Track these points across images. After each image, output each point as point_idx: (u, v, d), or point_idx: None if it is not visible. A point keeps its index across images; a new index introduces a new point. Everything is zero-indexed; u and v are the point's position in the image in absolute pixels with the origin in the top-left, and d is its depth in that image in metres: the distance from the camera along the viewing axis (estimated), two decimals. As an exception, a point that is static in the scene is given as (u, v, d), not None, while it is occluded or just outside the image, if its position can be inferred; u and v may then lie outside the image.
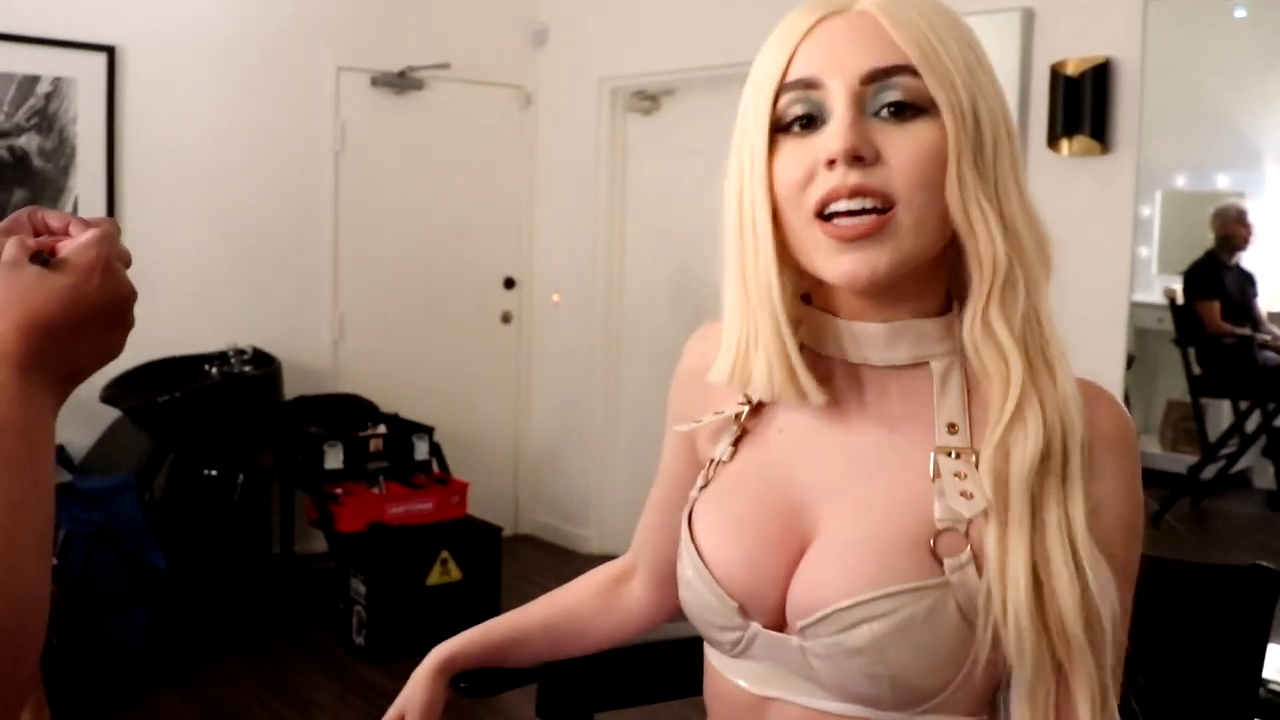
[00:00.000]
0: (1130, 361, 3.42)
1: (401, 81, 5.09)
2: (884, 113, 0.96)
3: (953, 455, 1.00)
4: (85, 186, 4.41)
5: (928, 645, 0.96)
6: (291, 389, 4.64)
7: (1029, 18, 3.58)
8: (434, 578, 4.14)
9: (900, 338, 1.03)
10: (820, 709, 1.02)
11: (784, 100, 1.01)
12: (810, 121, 0.99)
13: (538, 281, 5.59)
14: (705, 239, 4.61)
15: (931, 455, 1.01)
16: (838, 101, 0.96)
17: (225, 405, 4.32)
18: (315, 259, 4.98)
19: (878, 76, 0.96)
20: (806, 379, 1.03)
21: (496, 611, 4.13)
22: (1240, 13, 3.37)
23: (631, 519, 5.30)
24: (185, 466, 4.27)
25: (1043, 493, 0.96)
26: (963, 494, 0.98)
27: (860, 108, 0.96)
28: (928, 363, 1.03)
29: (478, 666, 1.39)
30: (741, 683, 1.08)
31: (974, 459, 0.99)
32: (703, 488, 1.14)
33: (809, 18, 1.02)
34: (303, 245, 4.94)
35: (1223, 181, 3.74)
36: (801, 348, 1.05)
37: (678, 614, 1.33)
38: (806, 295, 1.08)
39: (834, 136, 0.95)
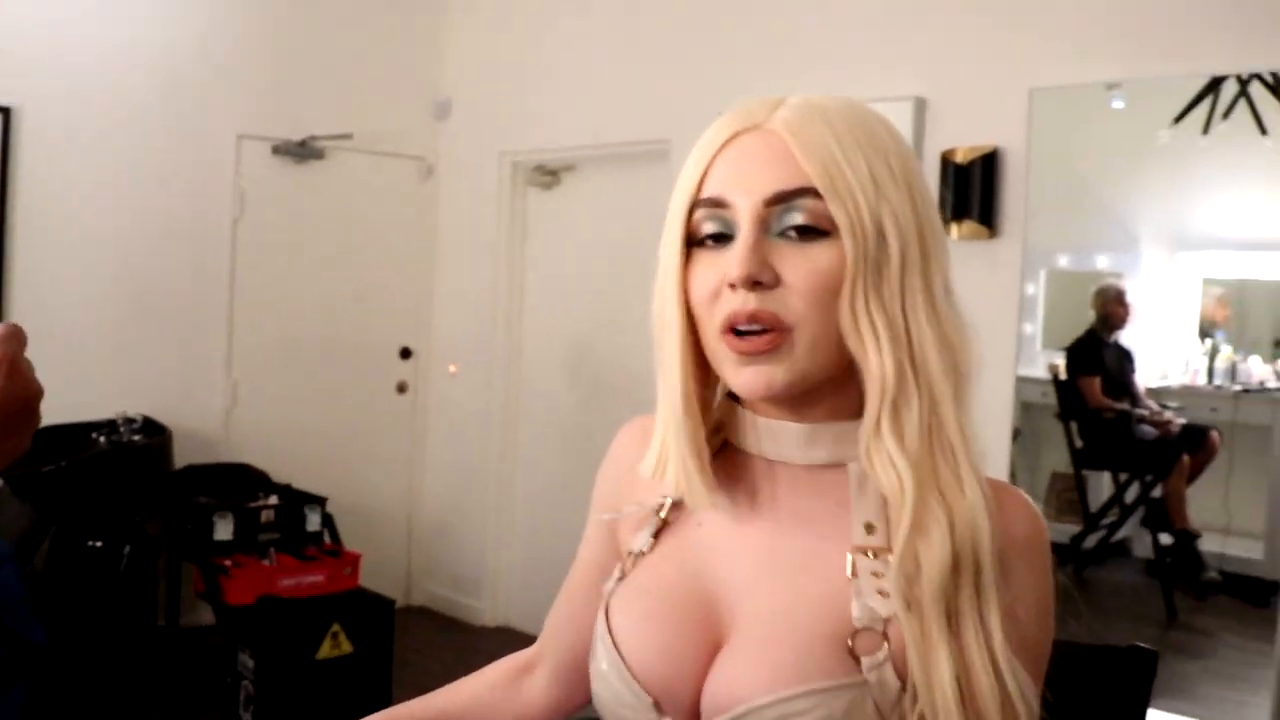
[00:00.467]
0: (1016, 434, 3.52)
1: (303, 150, 5.08)
2: (789, 234, 0.99)
3: (870, 555, 1.02)
4: (-28, 249, 4.32)
5: None
6: (181, 458, 4.56)
7: (921, 107, 3.71)
8: (325, 651, 4.06)
9: (818, 439, 1.04)
10: None
11: (697, 215, 1.03)
12: (721, 237, 1.02)
13: (435, 352, 5.58)
14: (604, 312, 4.71)
15: (849, 555, 1.02)
16: (743, 221, 0.99)
17: (112, 475, 4.23)
18: (210, 326, 4.92)
19: (781, 199, 0.98)
20: (705, 483, 1.06)
21: (388, 685, 4.09)
22: (1118, 103, 3.53)
23: (526, 591, 5.34)
24: (69, 537, 4.14)
25: (958, 601, 0.97)
26: (880, 593, 0.99)
27: (764, 228, 0.99)
28: (845, 464, 1.05)
29: None
30: None
31: (890, 560, 1.00)
32: (620, 579, 1.14)
33: (723, 133, 1.04)
34: (197, 312, 4.88)
35: (1102, 262, 3.90)
36: (726, 444, 1.08)
37: (578, 711, 1.34)
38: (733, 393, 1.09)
39: (734, 262, 0.98)
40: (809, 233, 0.98)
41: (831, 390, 1.02)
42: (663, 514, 1.14)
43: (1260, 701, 3.04)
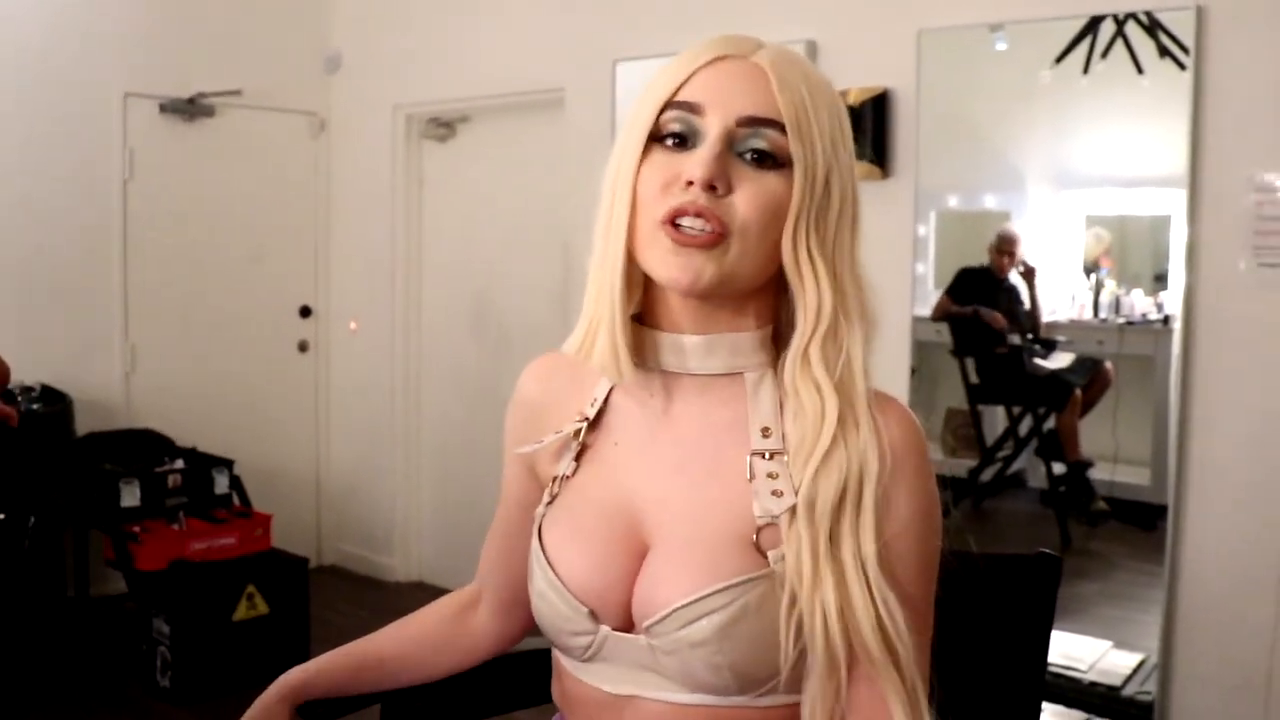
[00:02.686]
0: (912, 372, 3.63)
1: (191, 108, 4.99)
2: (747, 156, 1.07)
3: (766, 456, 1.12)
4: None
5: (761, 633, 1.06)
6: (83, 425, 4.50)
7: (812, 49, 3.77)
8: (240, 613, 4.07)
9: (715, 349, 1.13)
10: (672, 701, 1.11)
11: (667, 115, 1.10)
12: (682, 141, 1.09)
13: (334, 309, 5.55)
14: (504, 263, 4.72)
15: (748, 458, 1.12)
16: (712, 132, 1.07)
17: (11, 445, 4.16)
18: (104, 290, 4.83)
19: (751, 123, 1.07)
20: (629, 357, 1.13)
21: (306, 644, 4.12)
22: (1001, 45, 3.62)
23: (437, 545, 5.38)
24: (-31, 510, 4.09)
25: (839, 523, 1.07)
26: (774, 493, 1.09)
27: (729, 144, 1.07)
28: (742, 373, 1.14)
29: (323, 696, 1.41)
30: (596, 684, 1.16)
31: (786, 459, 1.11)
32: (549, 504, 1.22)
33: (711, 52, 1.11)
34: (90, 276, 4.79)
35: (990, 202, 4.01)
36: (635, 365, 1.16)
37: (522, 639, 1.44)
38: (638, 316, 1.17)
39: (698, 163, 1.06)
40: (767, 159, 1.07)
41: (732, 307, 1.12)
42: (580, 437, 1.22)
43: (1151, 620, 3.20)
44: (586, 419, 1.22)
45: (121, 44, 4.81)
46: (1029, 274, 3.75)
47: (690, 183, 1.06)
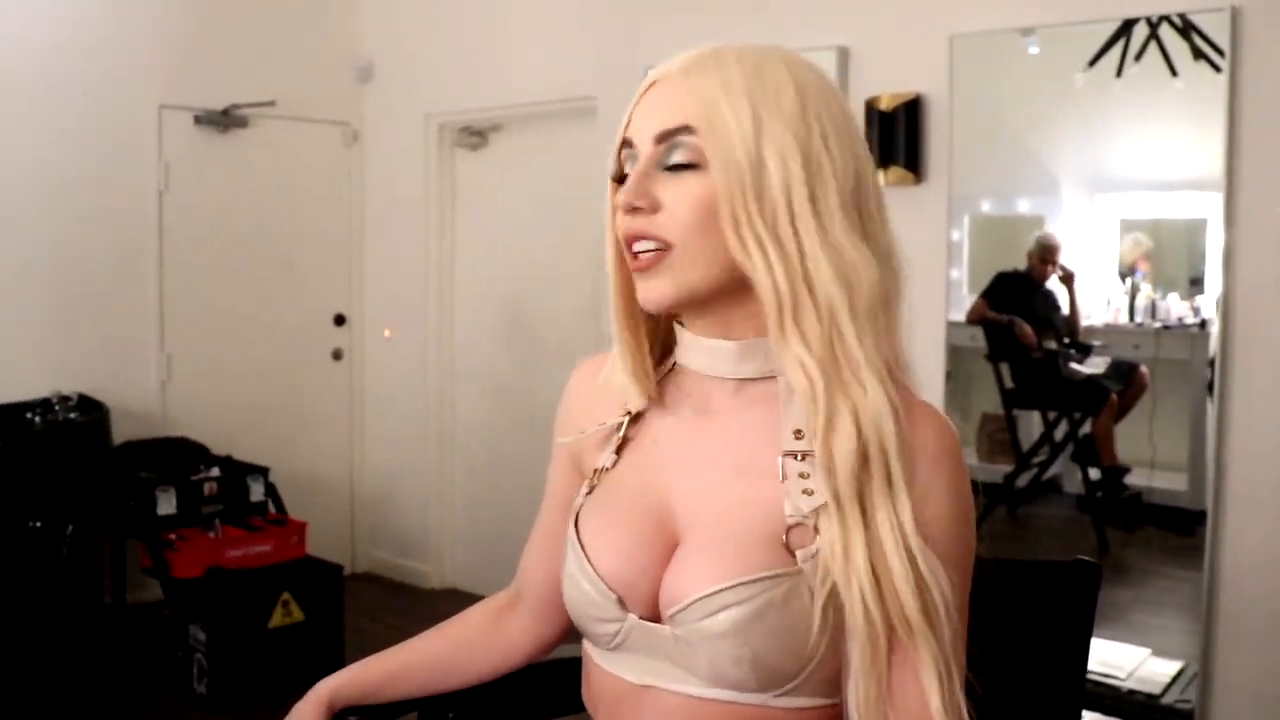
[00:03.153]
0: (947, 378, 3.61)
1: (225, 119, 5.03)
2: (671, 167, 1.12)
3: (798, 457, 1.13)
4: (-108, 231, 4.24)
5: (784, 629, 1.07)
6: (119, 434, 4.54)
7: (844, 56, 3.77)
8: (276, 620, 4.09)
9: (749, 354, 1.17)
10: (692, 694, 1.13)
11: (621, 155, 1.17)
12: (625, 177, 1.16)
13: (368, 317, 5.58)
14: (537, 271, 4.72)
15: (780, 459, 1.13)
16: (640, 158, 1.14)
17: (49, 454, 4.20)
18: (140, 300, 4.87)
19: (665, 137, 1.12)
20: (642, 387, 1.23)
21: (341, 651, 4.13)
22: (1034, 49, 3.61)
23: (471, 552, 5.38)
24: (9, 518, 4.11)
25: (870, 495, 1.08)
26: (805, 491, 1.11)
27: (655, 163, 1.13)
28: (775, 377, 1.16)
29: (359, 703, 1.42)
30: (619, 674, 1.18)
31: (814, 460, 1.12)
32: (588, 494, 1.26)
33: (644, 85, 1.17)
34: (127, 287, 4.83)
35: (1024, 206, 3.99)
36: (675, 365, 1.24)
37: (559, 642, 1.45)
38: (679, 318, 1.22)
39: (622, 191, 1.14)
40: (685, 166, 1.11)
41: (755, 310, 1.13)
42: (621, 431, 1.26)
43: (1190, 627, 3.18)
44: (629, 413, 1.26)
45: (157, 57, 4.86)
46: (1068, 279, 3.73)
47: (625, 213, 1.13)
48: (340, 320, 5.53)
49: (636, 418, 1.26)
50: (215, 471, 4.53)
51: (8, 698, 3.86)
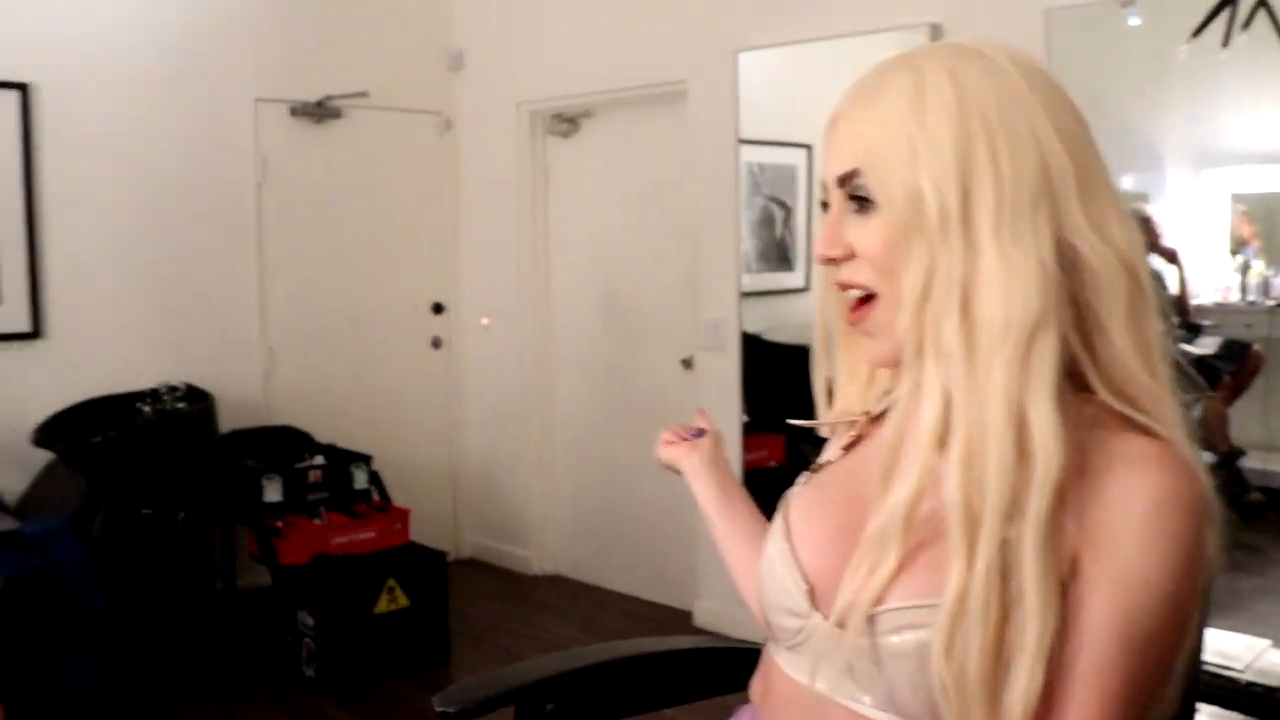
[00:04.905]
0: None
1: (320, 111, 5.10)
2: (853, 207, 1.09)
3: None
4: (5, 227, 4.36)
5: None
6: (226, 423, 4.63)
7: (937, 33, 3.71)
8: (382, 606, 4.16)
9: None
10: (860, 713, 1.06)
11: (825, 191, 1.15)
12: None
13: (465, 305, 5.63)
14: (632, 255, 4.71)
15: None
16: (831, 202, 1.12)
17: (160, 443, 4.31)
18: (242, 291, 4.97)
19: (844, 181, 1.10)
20: (822, 413, 1.26)
21: (446, 636, 4.19)
22: (1134, 20, 3.52)
23: (572, 537, 5.41)
24: (123, 506, 4.23)
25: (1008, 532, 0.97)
26: None
27: (844, 206, 1.10)
28: None
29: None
30: (796, 676, 1.14)
31: None
32: (806, 483, 1.25)
33: (828, 121, 1.14)
34: (229, 278, 4.93)
35: (1127, 183, 3.89)
36: None
37: None
38: None
39: (815, 244, 1.13)
40: (866, 207, 1.07)
41: None
42: (857, 429, 1.24)
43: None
44: (867, 413, 1.24)
45: (253, 50, 4.94)
46: (1171, 257, 3.64)
47: None
48: (438, 309, 5.59)
49: (874, 420, 1.22)
50: (319, 459, 4.61)
51: (128, 679, 3.98)
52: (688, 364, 4.68)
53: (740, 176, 4.43)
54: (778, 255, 4.65)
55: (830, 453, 1.27)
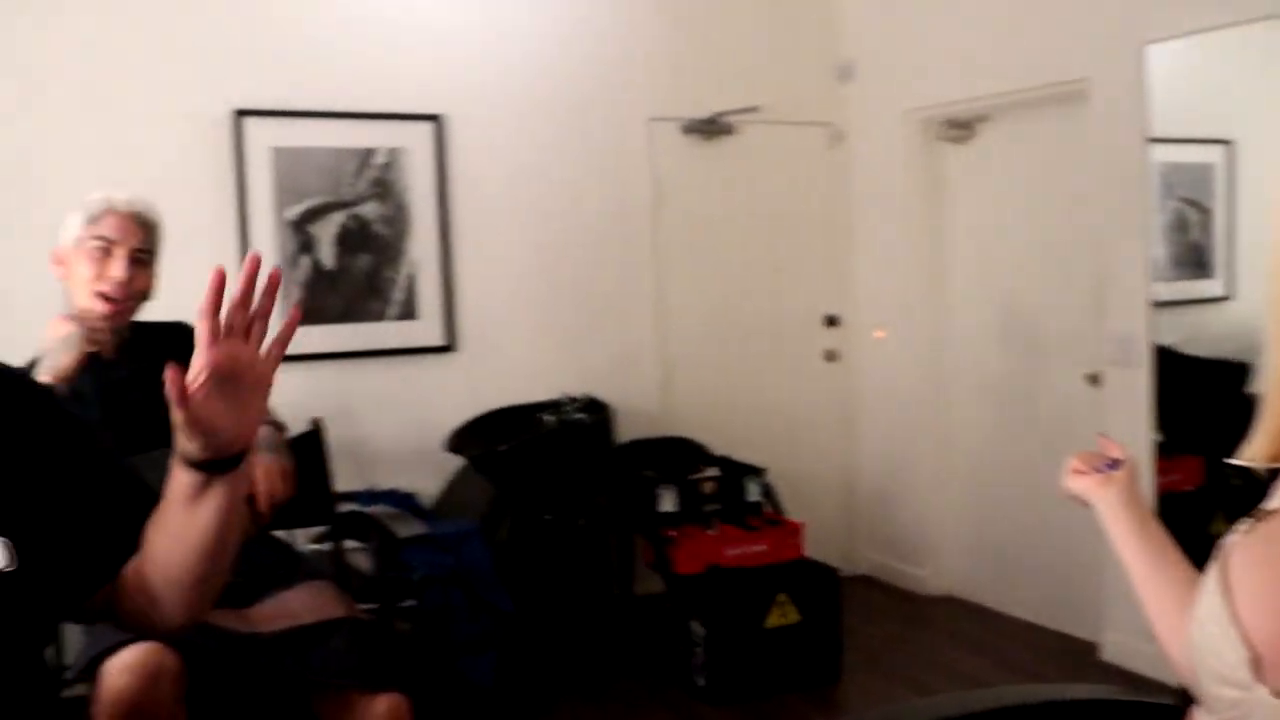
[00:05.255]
0: None
1: (711, 127, 5.14)
2: None
3: None
4: (421, 249, 4.66)
5: None
6: (623, 433, 4.72)
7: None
8: (772, 620, 4.08)
9: None
10: None
11: None
12: None
13: (860, 318, 5.50)
14: (1034, 266, 4.39)
15: None
16: None
17: (561, 452, 4.43)
18: (639, 306, 5.08)
19: None
20: (1260, 452, 1.04)
21: (838, 653, 4.06)
22: None
23: (969, 557, 5.12)
24: (527, 512, 4.38)
25: None
26: None
27: None
28: None
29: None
30: None
31: None
32: (1247, 531, 1.06)
33: None
34: (626, 293, 5.05)
35: None
36: None
37: None
38: None
39: None
40: None
41: None
42: None
43: None
44: None
45: (645, 71, 5.05)
46: None
47: None
48: (832, 321, 5.49)
49: None
50: (714, 471, 4.60)
51: (528, 676, 4.09)
52: (1093, 380, 4.33)
53: (1150, 178, 4.07)
54: (1193, 261, 4.25)
55: (1277, 498, 1.05)
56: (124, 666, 2.18)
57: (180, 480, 1.29)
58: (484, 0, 4.77)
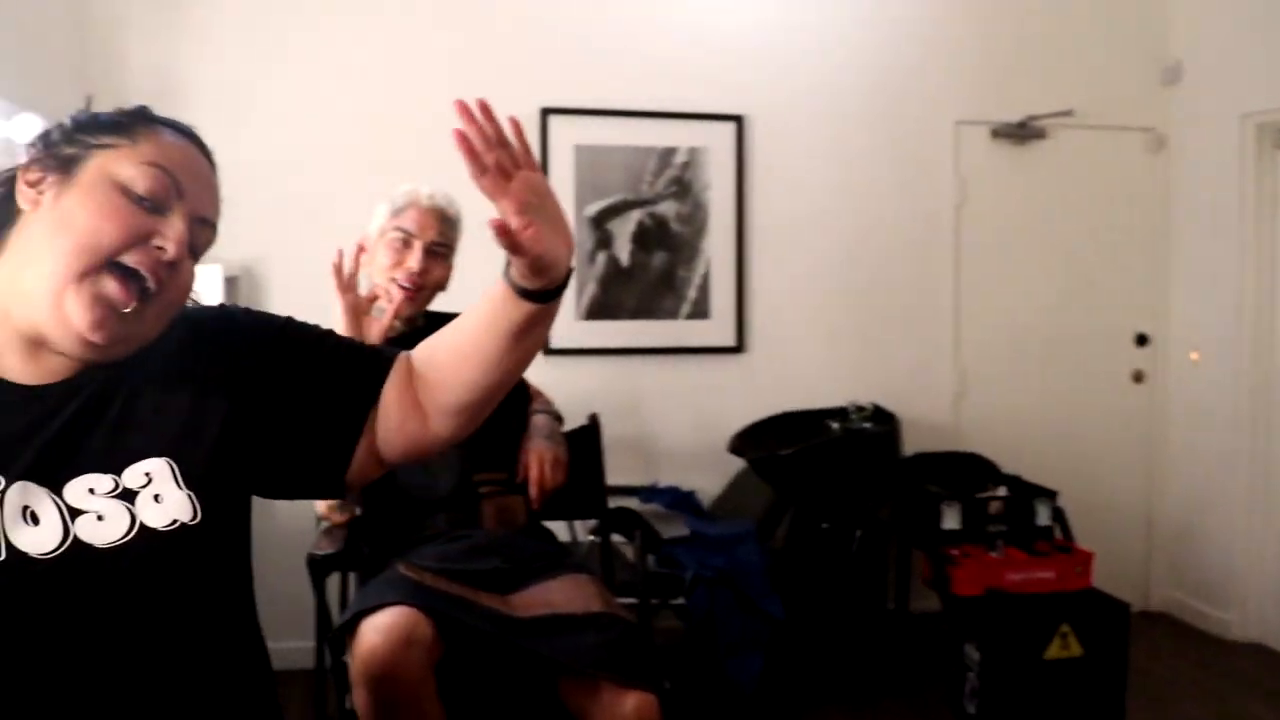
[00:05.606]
0: None
1: (1022, 131, 4.95)
2: None
3: None
4: (717, 248, 4.69)
5: None
6: (910, 445, 4.62)
7: None
8: (1053, 651, 3.90)
9: None
10: None
11: None
12: None
13: (1174, 338, 5.16)
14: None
15: None
16: None
17: (844, 460, 4.37)
18: (936, 314, 4.95)
19: None
20: None
21: (1121, 693, 3.86)
22: None
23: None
24: (804, 518, 4.35)
25: None
26: None
27: None
28: None
29: None
30: None
31: None
32: None
33: None
34: (923, 300, 4.93)
35: None
36: None
37: None
38: None
39: None
40: None
41: None
42: None
43: None
44: None
45: (953, 73, 4.91)
46: None
47: None
48: (1142, 340, 5.19)
49: None
50: (1002, 490, 4.44)
51: (793, 684, 4.08)
52: None
53: None
54: None
55: None
56: (378, 627, 2.28)
57: (511, 317, 1.37)
58: (788, 1, 4.75)
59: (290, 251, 4.23)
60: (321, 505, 2.81)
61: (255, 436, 1.41)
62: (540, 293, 1.35)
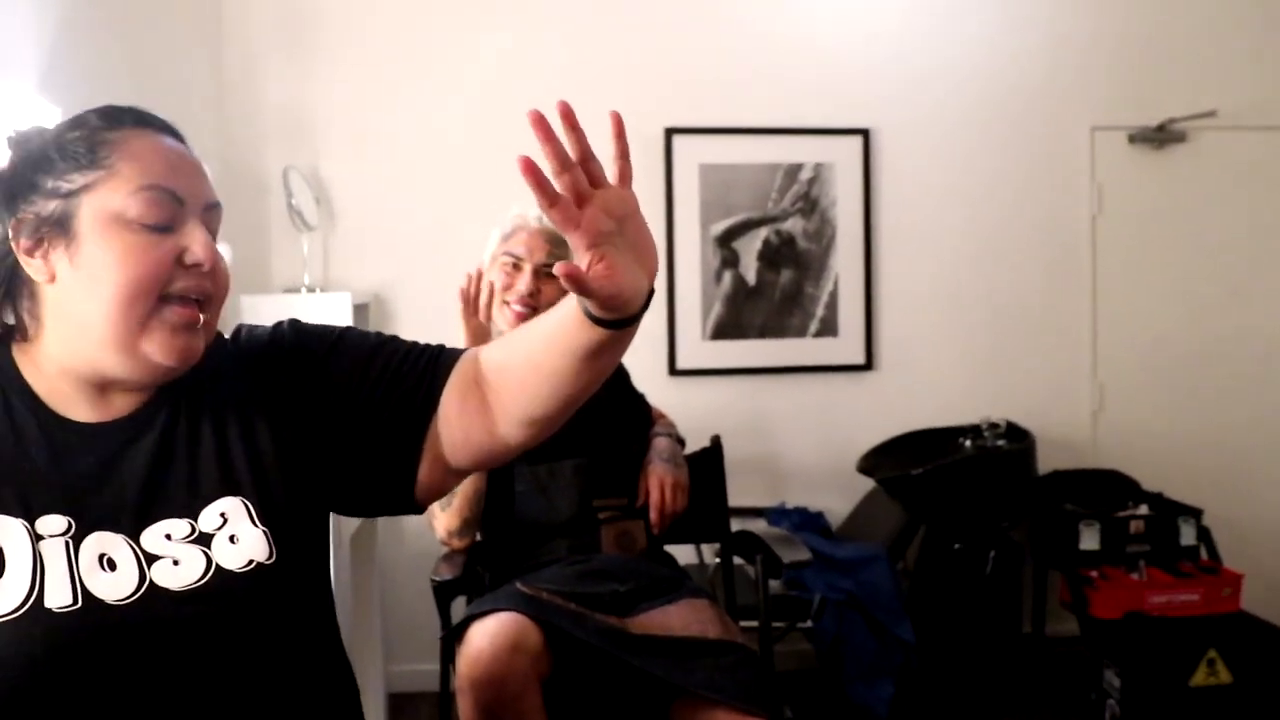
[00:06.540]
0: None
1: (1161, 135, 4.77)
2: None
3: None
4: (845, 264, 4.63)
5: None
6: (1046, 463, 4.48)
7: None
8: (1199, 678, 3.75)
9: None
10: None
11: None
12: None
13: (1329, 350, 4.93)
14: None
15: None
16: None
17: (977, 479, 4.27)
18: (1072, 327, 4.80)
19: None
20: None
21: (1275, 722, 3.67)
22: None
23: None
24: (936, 539, 4.27)
25: None
26: None
27: None
28: None
29: None
30: None
31: None
32: None
33: None
34: (1059, 313, 4.79)
35: None
36: None
37: None
38: None
39: None
40: None
41: None
42: None
43: None
44: None
45: (1088, 77, 4.75)
46: None
47: None
48: (1292, 349, 4.97)
49: None
50: (1144, 509, 4.29)
51: (925, 710, 4.00)
52: None
53: None
54: None
55: None
56: (486, 631, 2.28)
57: (581, 341, 1.29)
58: (912, 11, 4.66)
59: (418, 278, 4.32)
60: (441, 530, 2.84)
61: (313, 456, 1.41)
62: (614, 321, 1.27)
